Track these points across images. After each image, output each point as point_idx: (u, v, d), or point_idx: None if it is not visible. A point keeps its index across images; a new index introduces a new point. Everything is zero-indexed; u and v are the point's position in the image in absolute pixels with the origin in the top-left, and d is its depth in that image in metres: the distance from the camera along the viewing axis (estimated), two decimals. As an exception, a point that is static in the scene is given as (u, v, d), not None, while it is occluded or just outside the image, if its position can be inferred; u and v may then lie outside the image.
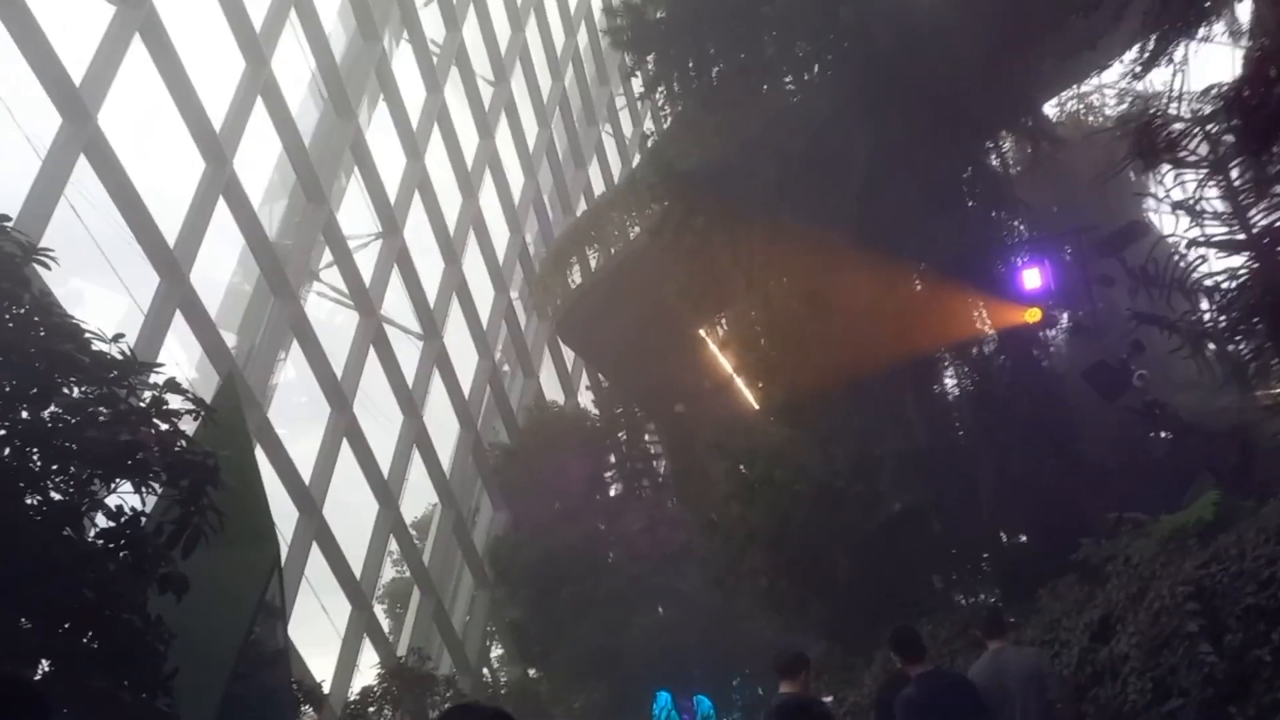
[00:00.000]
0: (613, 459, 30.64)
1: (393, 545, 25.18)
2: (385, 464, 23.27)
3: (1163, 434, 11.36)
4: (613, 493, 30.77)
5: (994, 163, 12.62)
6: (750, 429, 17.24)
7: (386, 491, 22.84)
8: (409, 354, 25.37)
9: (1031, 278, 11.47)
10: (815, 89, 12.28)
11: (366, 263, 23.83)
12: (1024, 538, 12.19)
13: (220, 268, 22.70)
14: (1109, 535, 9.95)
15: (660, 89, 13.61)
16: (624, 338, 25.91)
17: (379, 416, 24.77)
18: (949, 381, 12.68)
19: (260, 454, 19.42)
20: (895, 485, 11.91)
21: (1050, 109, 15.46)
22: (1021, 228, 11.98)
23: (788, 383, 13.33)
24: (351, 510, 28.15)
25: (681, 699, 26.23)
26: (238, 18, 18.09)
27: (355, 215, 24.34)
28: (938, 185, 11.62)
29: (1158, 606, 7.64)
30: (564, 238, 26.46)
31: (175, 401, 6.74)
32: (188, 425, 6.96)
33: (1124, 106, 19.02)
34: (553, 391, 32.48)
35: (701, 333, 30.48)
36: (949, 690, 6.67)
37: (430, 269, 26.42)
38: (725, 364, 31.43)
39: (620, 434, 31.31)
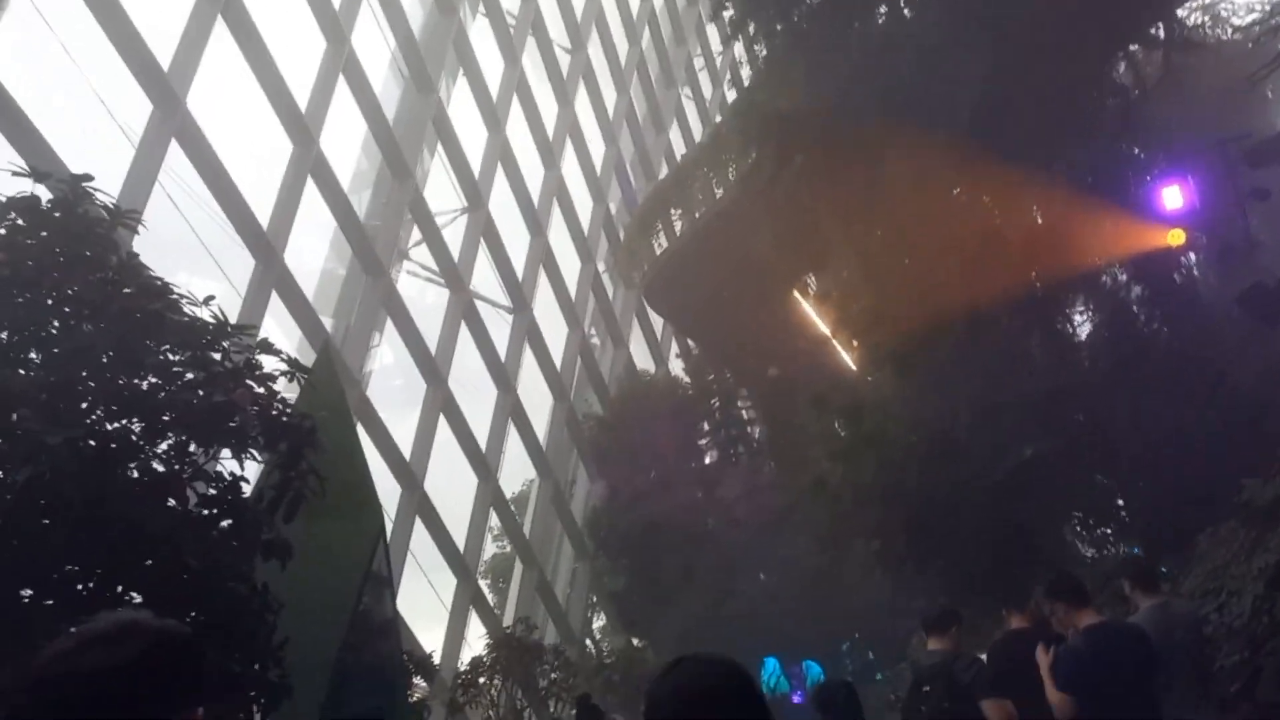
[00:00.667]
0: (706, 426, 30.21)
1: (493, 520, 25.35)
2: (482, 438, 23.28)
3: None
4: (708, 460, 30.38)
5: (1123, 76, 11.49)
6: (853, 386, 16.50)
7: (485, 465, 22.86)
8: (500, 329, 25.34)
9: (1172, 196, 10.41)
10: (920, 9, 11.38)
11: (454, 238, 23.78)
12: (1169, 484, 11.19)
13: (314, 254, 23.02)
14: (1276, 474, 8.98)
15: (749, 29, 12.89)
16: (713, 301, 25.32)
17: (474, 392, 24.83)
18: (1079, 318, 11.68)
19: (361, 432, 19.68)
20: (1020, 433, 11.06)
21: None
22: (1157, 143, 10.86)
23: (896, 330, 12.56)
24: (452, 485, 28.50)
25: (790, 666, 25.82)
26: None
27: (440, 191, 24.31)
28: (1062, 105, 10.63)
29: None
30: (648, 201, 25.94)
31: (270, 364, 6.50)
32: (285, 391, 6.73)
33: (1254, 15, 17.44)
34: (643, 360, 32.14)
35: (795, 291, 29.80)
36: (1125, 644, 5.94)
37: (516, 242, 26.28)
38: (820, 322, 30.71)
39: (713, 400, 30.89)
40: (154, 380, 5.89)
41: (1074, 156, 10.62)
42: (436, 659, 17.74)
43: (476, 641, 18.19)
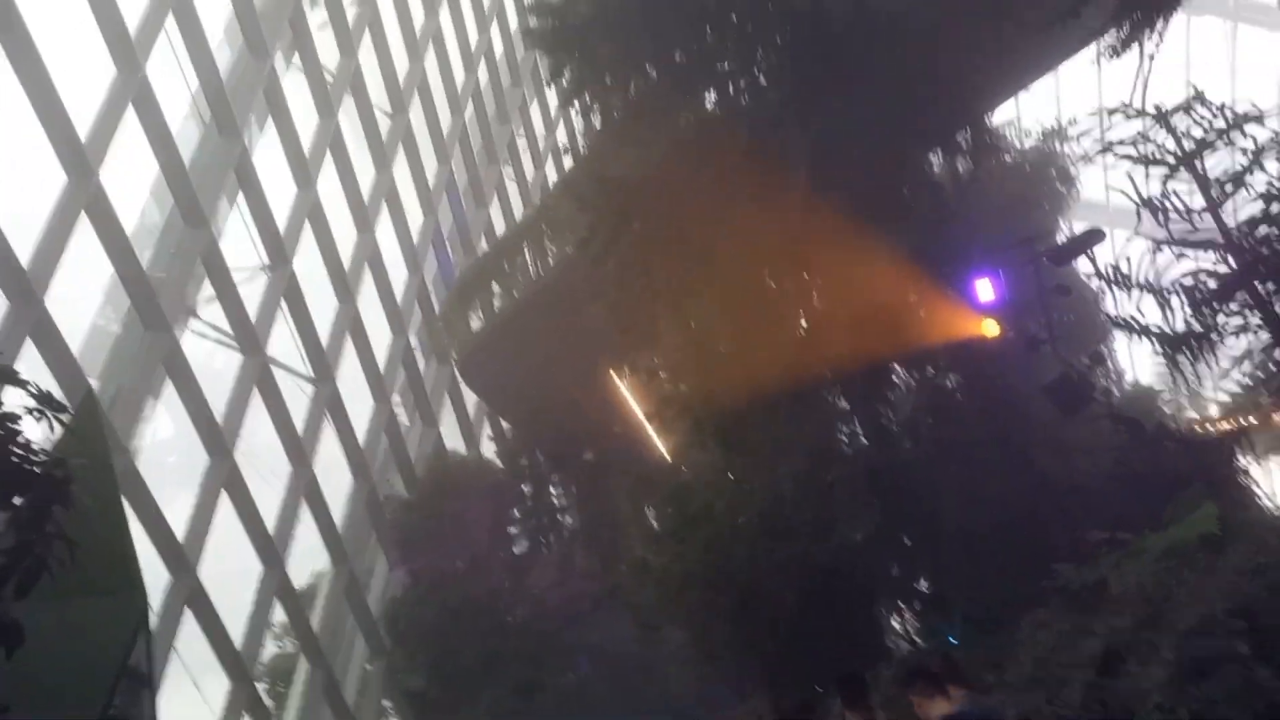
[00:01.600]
0: (517, 513, 29.07)
1: (276, 615, 22.89)
2: (271, 520, 21.10)
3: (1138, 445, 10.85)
4: (517, 550, 29.16)
5: (937, 172, 12.12)
6: (673, 469, 16.19)
7: (272, 550, 20.65)
8: (298, 400, 23.41)
9: (985, 289, 10.90)
10: (755, 85, 11.57)
11: (252, 297, 21.92)
12: (990, 565, 11.42)
13: (86, 310, 20.53)
14: (1088, 558, 9.24)
15: (586, 94, 12.67)
16: (530, 380, 24.63)
17: (263, 470, 22.65)
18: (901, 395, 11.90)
19: (127, 510, 17.26)
20: (848, 512, 11.00)
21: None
22: (971, 237, 11.43)
23: (723, 407, 12.36)
24: (232, 573, 25.71)
25: (599, 763, 24.55)
26: (108, 15, 16.33)
27: (239, 246, 22.48)
28: (886, 190, 10.98)
29: (1183, 629, 6.83)
30: (468, 273, 25.14)
31: (12, 401, 5.21)
32: (34, 435, 5.41)
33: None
34: (453, 441, 30.69)
35: (613, 373, 29.62)
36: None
37: (322, 307, 24.61)
38: (637, 405, 30.62)
39: (524, 486, 29.86)
40: None
41: (897, 239, 10.96)
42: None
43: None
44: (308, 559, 25.98)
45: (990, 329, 10.65)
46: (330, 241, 24.42)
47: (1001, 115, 17.66)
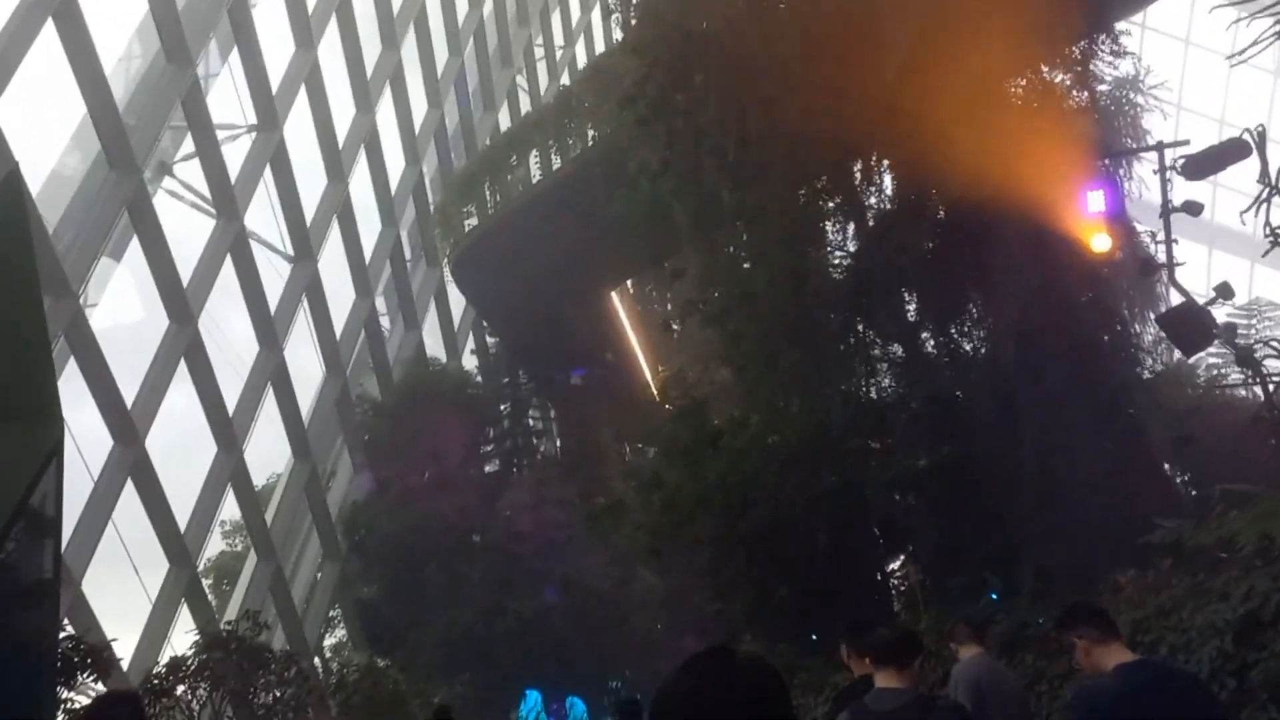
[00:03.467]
0: (492, 433, 27.53)
1: (226, 513, 21.36)
2: (231, 401, 19.37)
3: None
4: (488, 470, 27.67)
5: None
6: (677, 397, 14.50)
7: (229, 433, 18.93)
8: (274, 279, 21.57)
9: (1096, 199, 9.28)
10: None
11: (235, 158, 19.96)
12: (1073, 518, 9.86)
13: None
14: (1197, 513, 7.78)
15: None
16: (526, 289, 22.88)
17: (229, 345, 20.91)
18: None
19: (72, 369, 15.50)
20: (908, 441, 9.47)
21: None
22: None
23: (763, 321, 10.74)
24: (184, 451, 24.00)
25: (553, 700, 23.38)
26: None
27: (226, 103, 20.45)
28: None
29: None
30: (476, 163, 23.17)
31: None
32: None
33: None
34: (435, 348, 28.95)
35: (613, 295, 27.94)
36: (1174, 689, 4.16)
37: (311, 183, 22.67)
38: (632, 335, 29.02)
39: (504, 406, 28.28)
40: None
41: (1000, 130, 9.30)
42: (127, 661, 13.85)
43: (185, 640, 14.37)
44: (270, 458, 24.47)
45: (1100, 243, 9.08)
46: (326, 112, 22.37)
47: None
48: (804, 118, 10.06)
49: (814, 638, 10.74)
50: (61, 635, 7.98)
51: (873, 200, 10.88)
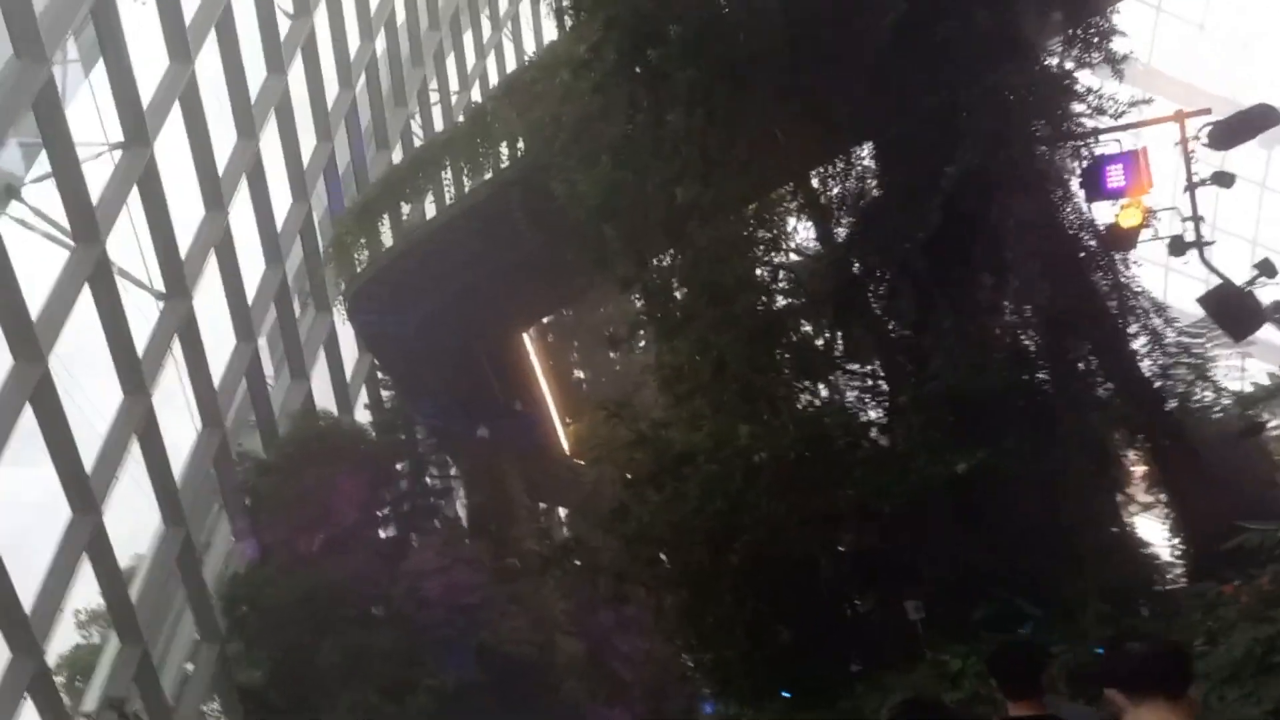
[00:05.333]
0: (403, 485, 25.08)
1: (80, 601, 18.31)
2: (89, 456, 16.60)
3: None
4: (384, 535, 25.13)
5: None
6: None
7: (85, 492, 16.13)
8: (139, 319, 18.93)
9: (1115, 174, 8.35)
10: None
11: (95, 181, 17.48)
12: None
13: None
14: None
15: None
16: (429, 329, 20.91)
17: (83, 391, 18.14)
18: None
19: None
20: (929, 445, 8.11)
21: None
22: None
23: (752, 305, 9.35)
24: (29, 517, 20.61)
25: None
26: None
27: (88, 120, 18.03)
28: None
29: None
30: (376, 188, 21.21)
31: None
32: None
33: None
34: (323, 401, 26.36)
35: (525, 337, 26.18)
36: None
37: (185, 215, 20.27)
38: (544, 382, 27.25)
39: (399, 465, 25.88)
40: None
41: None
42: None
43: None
44: (133, 525, 21.34)
45: (1129, 217, 8.11)
46: (204, 134, 20.13)
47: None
48: (783, 92, 8.88)
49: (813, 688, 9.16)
50: None
51: (852, 185, 9.72)
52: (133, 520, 20.25)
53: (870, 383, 9.30)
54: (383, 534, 25.08)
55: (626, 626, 21.27)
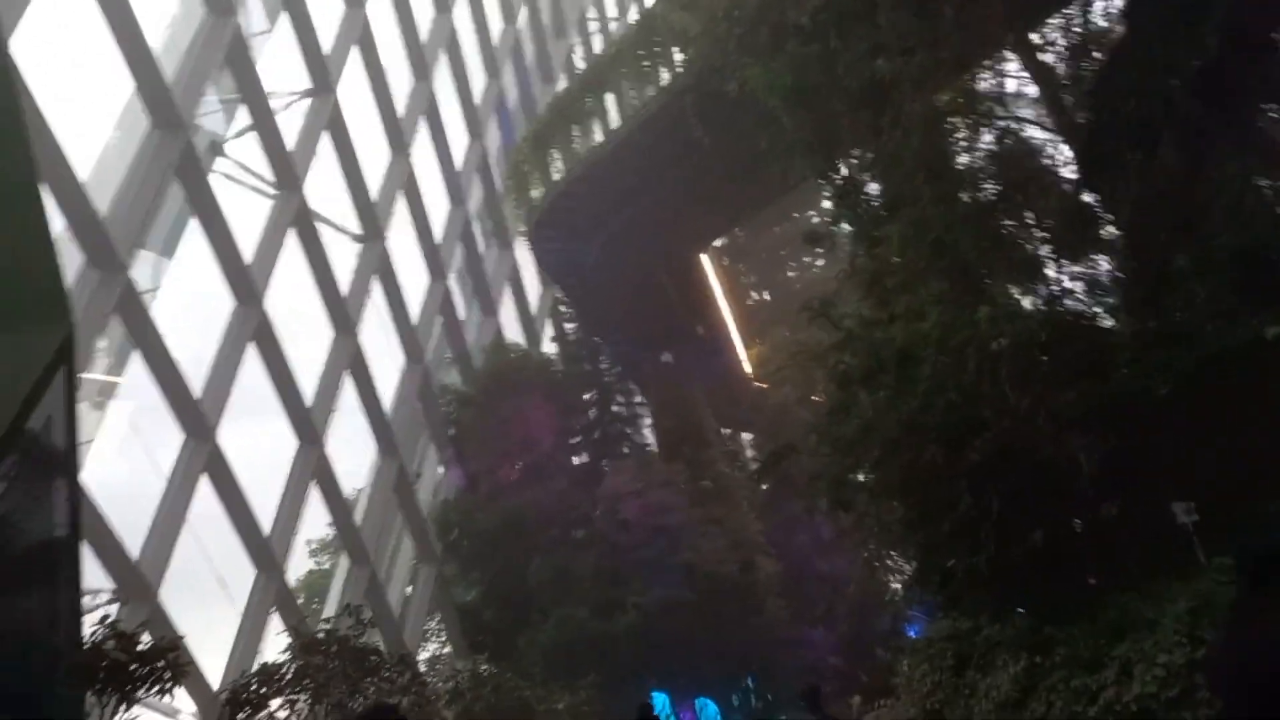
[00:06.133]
0: (591, 414, 25.40)
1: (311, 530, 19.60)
2: (308, 393, 17.57)
3: None
4: (575, 462, 25.48)
5: None
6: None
7: (309, 426, 17.13)
8: (341, 257, 19.74)
9: None
10: None
11: (288, 129, 18.19)
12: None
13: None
14: None
15: None
16: (609, 255, 20.72)
17: (300, 329, 19.23)
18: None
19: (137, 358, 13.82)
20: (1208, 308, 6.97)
21: None
22: None
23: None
24: (261, 447, 22.32)
25: (682, 704, 21.11)
26: None
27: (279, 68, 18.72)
28: None
29: None
30: (547, 114, 21.03)
31: None
32: None
33: None
34: (512, 333, 26.97)
35: (704, 258, 25.63)
36: None
37: (371, 156, 20.86)
38: (725, 305, 26.65)
39: (587, 394, 26.10)
40: None
41: None
42: (206, 663, 12.00)
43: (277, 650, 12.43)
44: (351, 454, 22.64)
45: None
46: (382, 78, 20.55)
47: None
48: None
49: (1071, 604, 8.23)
50: (118, 639, 6.03)
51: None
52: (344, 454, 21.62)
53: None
54: (575, 461, 25.58)
55: (826, 546, 20.78)
